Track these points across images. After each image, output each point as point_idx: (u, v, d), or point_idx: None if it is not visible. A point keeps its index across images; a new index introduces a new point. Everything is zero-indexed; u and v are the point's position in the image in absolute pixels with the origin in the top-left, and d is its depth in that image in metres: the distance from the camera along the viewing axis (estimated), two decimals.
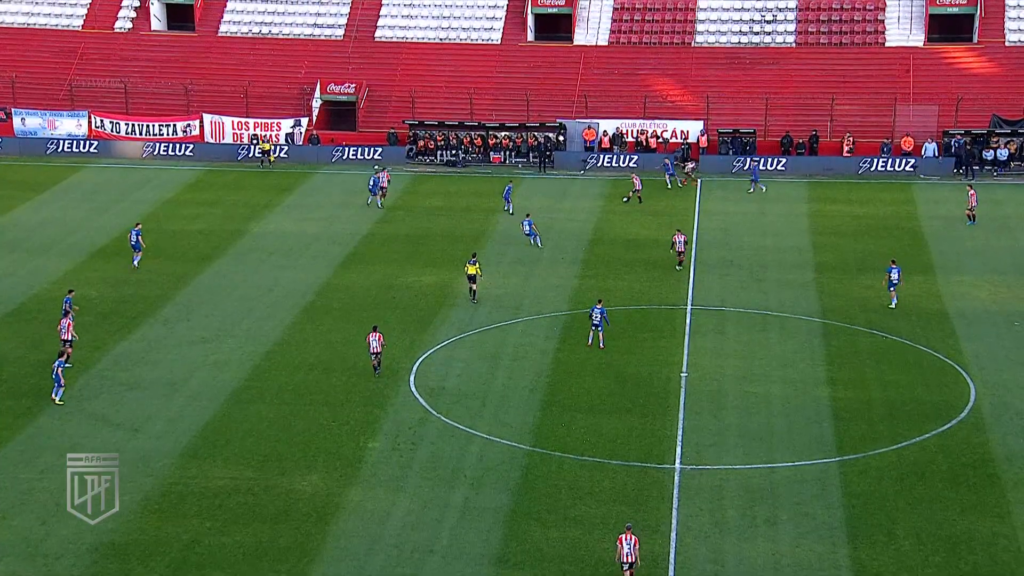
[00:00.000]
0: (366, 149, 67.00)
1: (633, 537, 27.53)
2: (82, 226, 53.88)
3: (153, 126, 68.20)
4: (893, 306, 44.30)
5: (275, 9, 75.28)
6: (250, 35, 74.36)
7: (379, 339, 38.77)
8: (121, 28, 74.41)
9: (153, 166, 64.89)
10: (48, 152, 66.44)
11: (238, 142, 67.85)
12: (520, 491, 31.79)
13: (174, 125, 68.35)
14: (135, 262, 48.85)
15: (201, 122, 68.27)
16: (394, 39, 74.17)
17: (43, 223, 54.48)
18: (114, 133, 68.05)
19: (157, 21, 75.03)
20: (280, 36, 74.26)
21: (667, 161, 62.52)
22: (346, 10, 75.08)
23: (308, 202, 59.47)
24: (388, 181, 59.20)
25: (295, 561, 28.53)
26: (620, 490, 31.91)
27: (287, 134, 68.25)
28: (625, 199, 59.08)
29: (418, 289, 46.89)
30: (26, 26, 74.04)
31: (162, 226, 54.51)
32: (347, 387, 38.10)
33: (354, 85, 70.41)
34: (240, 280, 47.77)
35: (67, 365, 37.48)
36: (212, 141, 67.95)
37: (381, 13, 75.15)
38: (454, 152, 67.43)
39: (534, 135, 67.53)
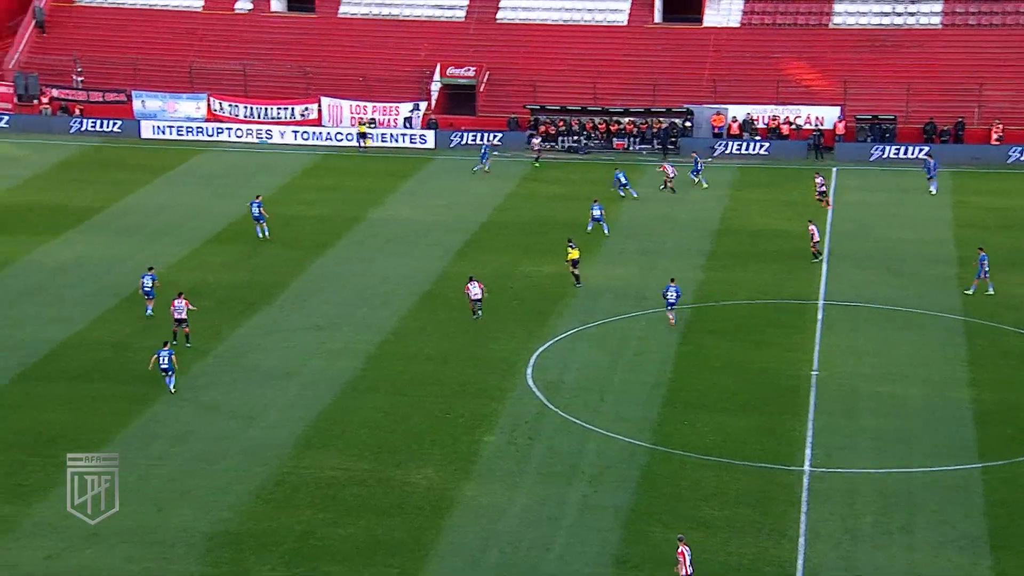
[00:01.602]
0: (485, 134, 67.31)
1: (687, 548, 27.10)
2: (200, 211, 55.21)
3: (271, 109, 69.52)
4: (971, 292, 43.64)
5: None
6: (370, 17, 75.24)
7: (480, 287, 41.54)
8: (241, 9, 75.93)
9: (272, 150, 66.14)
10: (167, 135, 68.18)
11: (356, 125, 68.77)
12: (640, 490, 31.65)
13: (292, 108, 69.58)
14: (264, 233, 50.43)
15: (319, 105, 69.34)
16: (516, 21, 74.31)
17: (161, 207, 55.95)
18: (232, 116, 69.54)
19: (277, 3, 76.39)
20: (400, 18, 74.99)
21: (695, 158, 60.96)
22: None
23: (426, 188, 60.02)
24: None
25: (408, 555, 28.85)
26: (745, 492, 31.54)
27: (405, 118, 68.95)
28: (661, 187, 58.46)
29: (537, 279, 46.97)
30: (148, 7, 76.01)
31: (279, 211, 55.51)
32: (463, 379, 38.37)
33: (474, 68, 70.78)
34: (356, 268, 48.45)
35: (187, 345, 38.54)
36: (329, 125, 68.99)
37: None
38: (576, 138, 67.35)
39: (659, 120, 67.05)
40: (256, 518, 30.34)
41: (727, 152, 65.94)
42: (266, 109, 69.57)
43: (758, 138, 66.61)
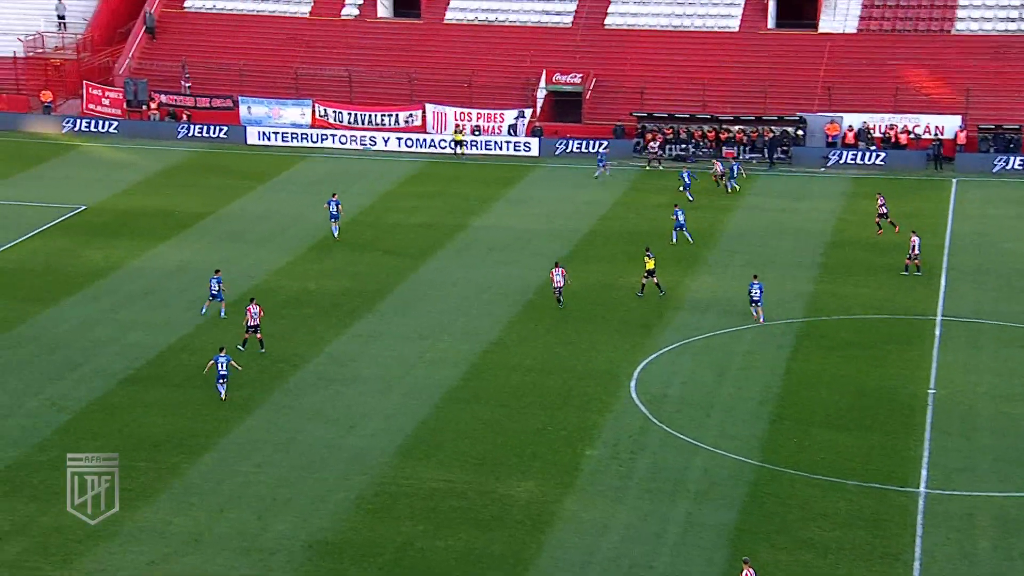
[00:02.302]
0: (591, 142, 67.26)
1: (751, 570, 26.64)
2: (302, 217, 56.03)
3: (375, 115, 70.31)
4: None
5: None
6: (476, 22, 75.73)
7: (562, 272, 43.97)
8: (348, 15, 76.98)
9: (375, 157, 66.86)
10: (272, 141, 69.35)
11: (460, 132, 69.13)
12: (747, 508, 31.31)
13: (396, 115, 70.28)
14: (335, 233, 51.76)
15: (423, 112, 69.96)
16: (624, 27, 74.19)
17: (265, 214, 56.92)
18: (337, 122, 70.49)
19: (383, 8, 77.25)
20: (507, 24, 75.33)
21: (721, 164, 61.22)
22: None
23: (529, 196, 60.17)
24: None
25: (508, 569, 28.91)
26: (857, 513, 31.02)
27: (510, 126, 69.23)
28: (717, 184, 59.04)
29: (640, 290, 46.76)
30: (256, 13, 77.45)
31: (382, 219, 56.16)
32: (565, 391, 38.36)
33: (581, 75, 70.82)
34: (458, 276, 48.75)
35: (261, 351, 39.78)
36: (433, 131, 69.54)
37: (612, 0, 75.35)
38: (684, 146, 66.97)
39: (770, 129, 66.37)
40: (355, 528, 30.66)
41: (841, 162, 64.99)
42: (370, 115, 70.38)
43: (874, 148, 65.54)
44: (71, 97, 73.55)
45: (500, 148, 68.21)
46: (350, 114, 70.48)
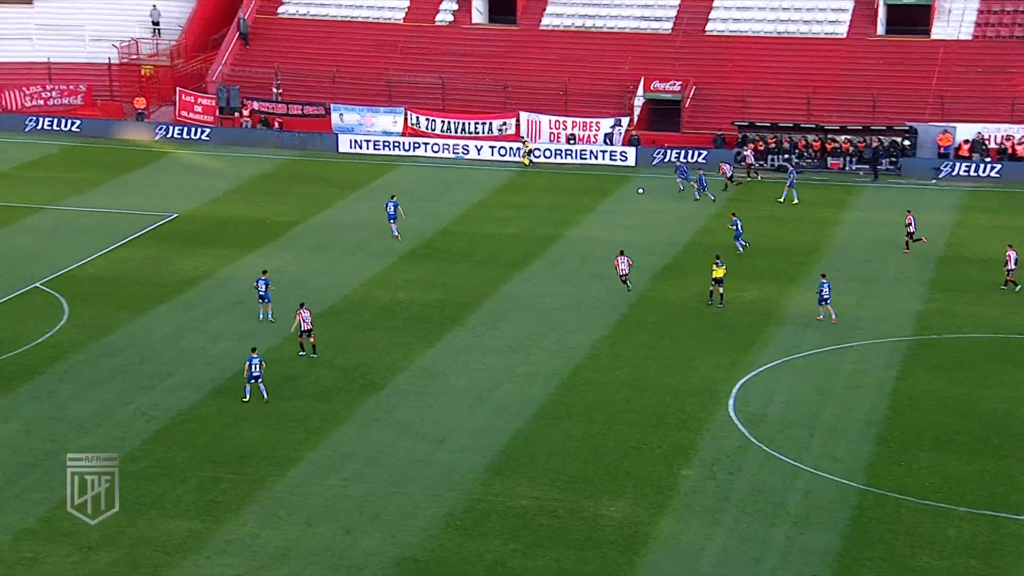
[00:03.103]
0: (689, 152, 66.93)
1: None
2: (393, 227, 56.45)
3: (469, 124, 70.71)
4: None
5: (602, 1, 76.35)
6: (572, 28, 75.82)
7: (628, 261, 46.78)
8: (442, 21, 77.54)
9: (468, 166, 67.20)
10: (363, 149, 70.05)
11: (554, 141, 69.29)
12: (851, 533, 30.86)
13: (490, 123, 70.60)
14: (395, 233, 53.10)
15: (517, 120, 70.18)
16: (726, 33, 73.77)
17: (355, 223, 57.49)
18: (429, 130, 71.00)
19: (478, 14, 77.67)
20: (604, 30, 75.31)
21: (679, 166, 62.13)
22: (676, 2, 75.29)
23: (625, 208, 60.03)
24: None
25: None
26: (968, 541, 30.42)
27: (606, 134, 69.16)
28: (737, 184, 59.90)
29: (740, 305, 46.41)
30: (349, 19, 78.35)
31: (473, 229, 56.43)
32: (660, 408, 38.18)
33: (680, 83, 70.52)
34: (551, 288, 48.79)
35: (313, 356, 40.88)
36: (528, 140, 69.62)
37: (714, 4, 74.92)
38: (787, 156, 66.34)
39: (879, 139, 65.47)
40: (445, 545, 30.80)
41: (954, 174, 63.87)
42: (463, 123, 70.78)
43: (988, 159, 64.30)
44: (164, 104, 75.07)
45: (595, 157, 68.17)
46: (443, 122, 70.95)
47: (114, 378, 40.27)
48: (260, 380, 38.32)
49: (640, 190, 61.76)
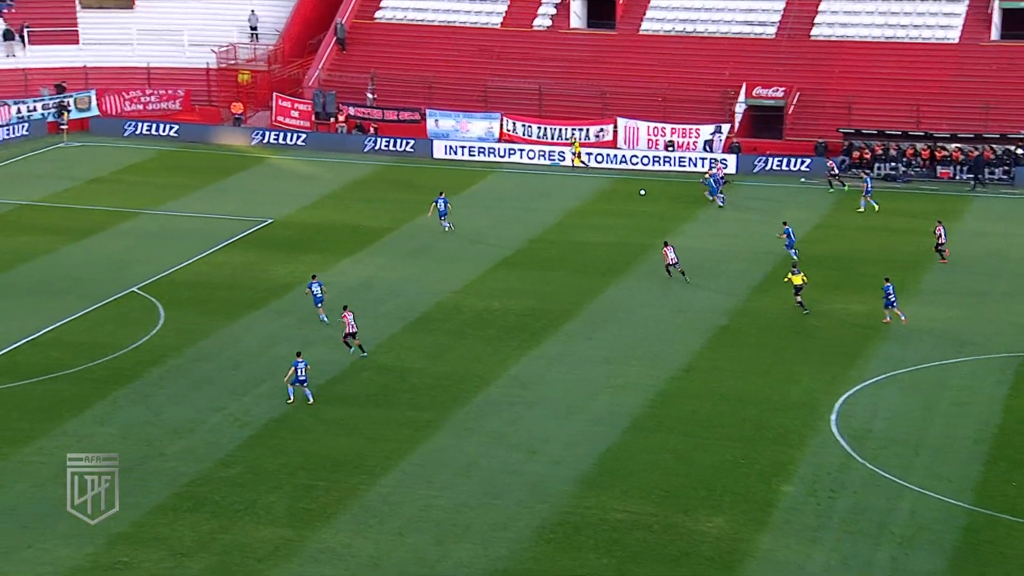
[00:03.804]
0: (791, 160, 66.25)
1: None
2: (487, 234, 56.74)
3: (565, 130, 70.71)
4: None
5: (703, 5, 75.97)
6: (673, 33, 75.51)
7: (674, 251, 48.75)
8: (540, 26, 77.70)
9: (563, 172, 67.20)
10: (458, 155, 70.45)
11: (652, 148, 69.10)
12: (959, 556, 30.30)
13: (587, 129, 70.56)
14: (448, 226, 55.19)
15: (615, 126, 70.05)
16: (833, 38, 72.91)
17: (451, 230, 57.72)
18: (525, 136, 71.15)
19: (577, 18, 77.67)
20: (705, 35, 74.88)
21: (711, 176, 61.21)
22: (781, 6, 74.66)
23: (725, 216, 59.59)
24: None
25: None
26: None
27: (705, 141, 68.76)
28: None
29: (844, 318, 45.81)
30: (447, 24, 78.85)
31: (569, 237, 56.42)
32: (759, 422, 37.82)
33: (783, 89, 69.86)
34: (647, 298, 48.59)
35: (362, 355, 41.69)
36: (625, 147, 69.58)
37: (820, 9, 74.10)
38: (894, 165, 65.35)
39: (984, 147, 64.19)
40: (537, 558, 30.80)
41: None
42: (560, 130, 70.81)
43: None
44: (261, 109, 76.22)
45: (695, 165, 67.77)
46: (539, 128, 71.05)
47: (208, 383, 40.93)
48: (305, 384, 39.12)
49: (642, 191, 61.92)
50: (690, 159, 67.96)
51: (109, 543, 31.45)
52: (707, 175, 62.04)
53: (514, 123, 71.46)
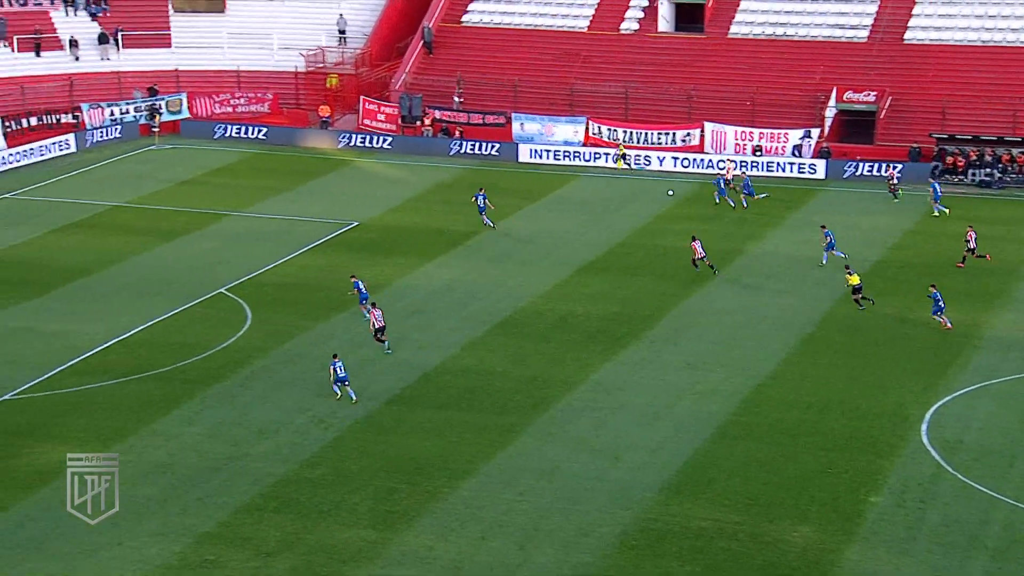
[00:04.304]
0: (883, 165, 65.43)
1: None
2: (571, 238, 56.74)
3: (651, 134, 70.51)
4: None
5: (794, 8, 75.34)
6: (762, 37, 74.96)
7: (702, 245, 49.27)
8: (627, 29, 77.54)
9: (649, 177, 67.00)
10: (543, 159, 70.51)
11: (740, 153, 68.66)
12: None
13: (673, 134, 70.28)
14: (489, 222, 56.33)
15: (702, 131, 69.70)
16: (927, 41, 71.89)
17: (533, 234, 57.87)
18: (611, 140, 71.02)
19: (665, 22, 77.38)
20: (795, 38, 74.24)
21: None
22: (874, 8, 73.80)
23: (812, 222, 58.96)
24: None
25: None
26: None
27: (794, 146, 68.14)
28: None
29: (936, 326, 45.14)
30: (533, 27, 79.00)
31: (653, 242, 56.22)
32: (847, 431, 37.41)
33: (875, 93, 69.03)
34: (732, 304, 48.27)
35: (388, 352, 42.71)
36: (712, 151, 69.18)
37: (914, 12, 73.12)
38: (989, 171, 64.27)
39: None
40: (619, 564, 30.75)
41: None
42: (646, 134, 70.63)
43: None
44: (348, 112, 76.95)
45: (783, 170, 67.22)
46: (625, 132, 70.90)
47: (293, 385, 41.41)
48: (347, 383, 39.79)
49: (670, 192, 61.98)
50: (778, 164, 67.41)
51: (197, 542, 31.96)
52: (729, 176, 62.23)
53: (599, 127, 71.36)
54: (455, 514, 33.20)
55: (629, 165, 68.21)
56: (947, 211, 58.34)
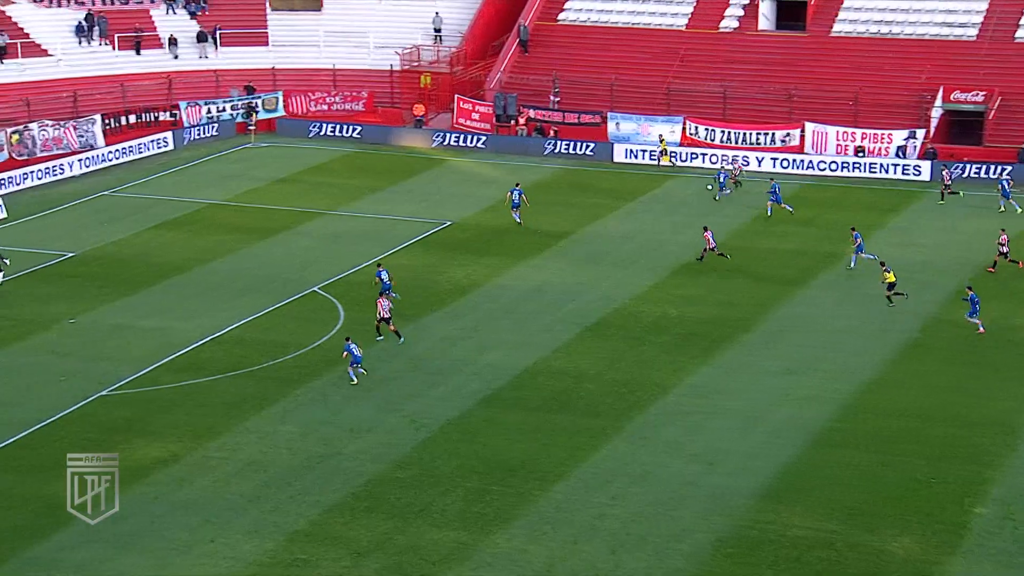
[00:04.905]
0: (991, 167, 64.16)
1: None
2: (666, 240, 56.42)
3: (750, 134, 69.89)
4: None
5: (900, 6, 74.19)
6: (866, 35, 73.93)
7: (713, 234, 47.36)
8: (726, 28, 76.96)
9: (745, 178, 66.42)
10: (639, 159, 70.20)
11: (841, 154, 67.79)
12: None
13: (772, 134, 69.59)
14: (516, 219, 56.96)
15: (802, 131, 68.92)
16: None
17: (628, 235, 57.65)
18: (708, 140, 70.54)
19: (765, 20, 76.67)
20: (901, 36, 73.12)
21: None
22: (983, 6, 72.41)
23: (916, 225, 58.14)
24: None
25: None
26: None
27: (898, 147, 67.12)
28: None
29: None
30: (631, 25, 78.72)
31: (751, 243, 55.71)
32: (950, 440, 36.76)
33: (983, 93, 67.73)
34: (831, 309, 47.66)
35: (400, 341, 43.17)
36: (812, 152, 68.39)
37: None
38: None
39: None
40: (713, 572, 30.53)
41: None
42: (744, 134, 70.02)
43: None
44: (442, 111, 77.31)
45: (886, 171, 66.24)
46: (723, 132, 70.36)
47: (385, 384, 41.69)
48: (359, 364, 40.94)
49: (708, 187, 62.15)
50: (881, 165, 66.44)
51: (289, 540, 32.32)
52: (724, 169, 62.71)
53: (696, 127, 70.87)
54: (546, 517, 33.19)
55: (673, 163, 67.70)
56: (1018, 209, 57.11)
